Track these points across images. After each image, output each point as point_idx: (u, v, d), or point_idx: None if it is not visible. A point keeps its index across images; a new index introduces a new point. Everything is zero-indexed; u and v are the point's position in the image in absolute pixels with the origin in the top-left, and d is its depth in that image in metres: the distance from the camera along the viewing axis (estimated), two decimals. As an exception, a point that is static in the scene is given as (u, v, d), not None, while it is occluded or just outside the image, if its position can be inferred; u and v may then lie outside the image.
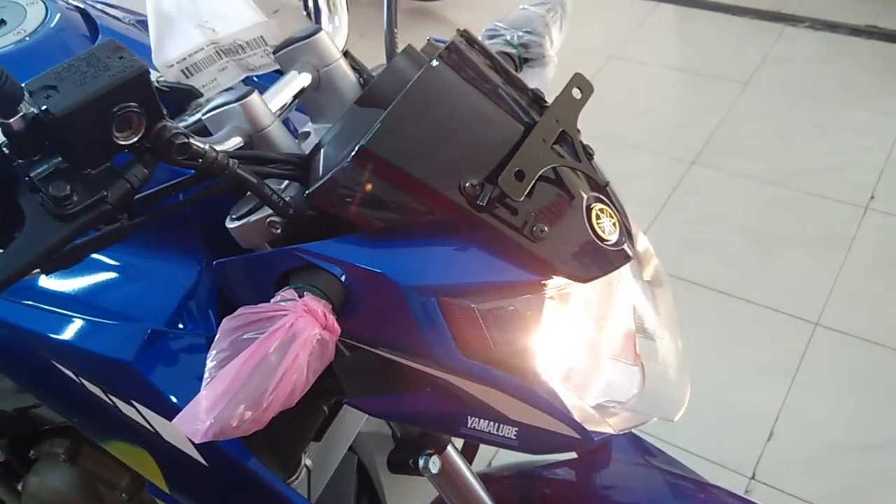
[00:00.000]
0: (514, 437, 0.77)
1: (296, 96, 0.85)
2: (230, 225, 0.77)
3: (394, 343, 0.73)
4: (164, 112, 0.64)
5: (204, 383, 0.59)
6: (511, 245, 0.71)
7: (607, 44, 3.41)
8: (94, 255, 0.88)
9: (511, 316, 0.72)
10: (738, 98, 3.05)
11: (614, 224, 0.76)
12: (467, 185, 0.69)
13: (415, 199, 0.70)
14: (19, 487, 1.32)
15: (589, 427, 0.77)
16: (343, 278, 0.70)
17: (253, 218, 0.75)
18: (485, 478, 1.15)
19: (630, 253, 0.77)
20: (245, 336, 0.61)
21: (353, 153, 0.69)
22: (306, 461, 1.02)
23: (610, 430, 0.79)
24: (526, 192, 0.69)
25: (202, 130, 0.79)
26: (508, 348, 0.73)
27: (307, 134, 0.89)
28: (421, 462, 0.87)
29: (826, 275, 2.35)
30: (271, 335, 0.60)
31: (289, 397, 0.61)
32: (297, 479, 0.99)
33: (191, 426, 0.57)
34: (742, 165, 2.74)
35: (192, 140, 0.65)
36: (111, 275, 0.86)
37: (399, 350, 0.73)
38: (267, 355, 0.59)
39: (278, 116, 0.80)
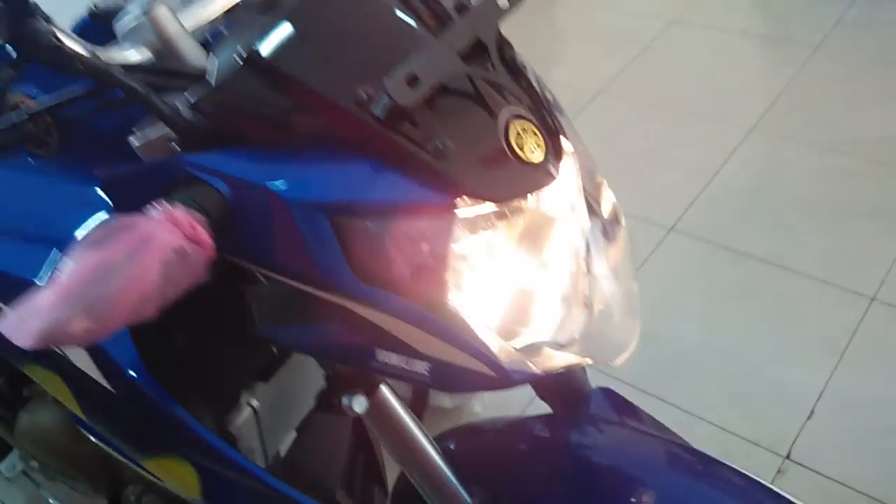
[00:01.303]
0: (427, 373, 0.72)
1: (228, 13, 0.82)
2: (133, 142, 0.74)
3: (287, 267, 0.69)
4: (35, 12, 0.61)
5: (41, 287, 0.56)
6: (412, 161, 0.65)
7: (667, 8, 3.27)
8: (4, 174, 0.87)
9: (414, 238, 0.67)
10: (807, 63, 2.86)
11: (538, 144, 0.69)
12: (360, 92, 0.64)
13: (307, 108, 0.66)
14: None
15: (507, 365, 0.71)
16: (226, 192, 0.66)
17: (153, 134, 0.72)
18: (458, 431, 1.11)
19: (555, 173, 0.70)
20: (98, 243, 0.58)
21: (241, 59, 0.65)
22: (252, 402, 0.99)
23: (533, 370, 0.72)
24: (420, 100, 0.64)
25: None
26: (412, 275, 0.67)
27: None
28: (344, 401, 0.83)
29: (889, 248, 2.18)
30: (121, 242, 0.57)
31: (138, 308, 0.57)
32: (238, 419, 0.96)
33: (15, 329, 0.54)
34: (805, 133, 2.58)
35: (65, 43, 0.62)
36: (19, 194, 0.85)
37: (293, 275, 0.69)
38: (113, 262, 0.56)
39: (196, 30, 0.77)
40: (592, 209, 0.82)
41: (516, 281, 0.77)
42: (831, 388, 1.89)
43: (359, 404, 0.83)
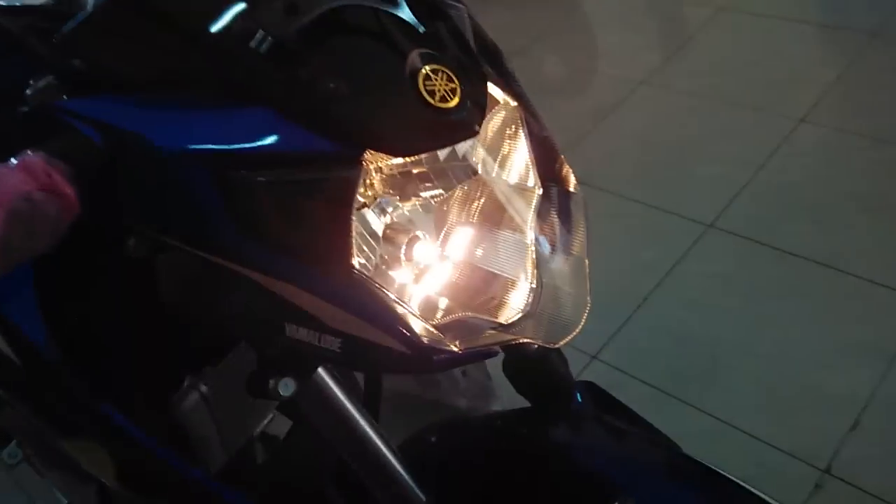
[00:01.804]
0: (339, 349, 0.64)
1: None
2: (27, 93, 0.67)
3: (170, 228, 0.61)
4: None
5: None
6: (303, 106, 0.57)
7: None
8: None
9: (308, 195, 0.58)
10: (863, 51, 2.68)
11: (454, 90, 0.60)
12: (235, 25, 0.56)
13: (182, 46, 0.58)
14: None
15: (425, 343, 0.62)
16: (100, 142, 0.58)
17: (42, 83, 0.66)
18: (441, 425, 1.04)
19: (475, 126, 0.61)
20: None
21: None
22: (200, 387, 0.91)
23: (453, 349, 0.63)
24: (303, 32, 0.55)
25: None
26: (309, 237, 0.59)
27: None
28: (271, 383, 0.75)
29: (949, 247, 2.01)
30: None
31: None
32: (184, 404, 0.89)
33: None
34: (858, 124, 2.41)
35: None
36: None
37: (179, 237, 0.61)
38: None
39: None
40: (542, 173, 0.72)
41: (441, 250, 0.69)
42: (879, 397, 1.74)
43: (286, 387, 0.75)
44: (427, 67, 0.59)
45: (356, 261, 0.60)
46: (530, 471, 0.92)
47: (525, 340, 0.68)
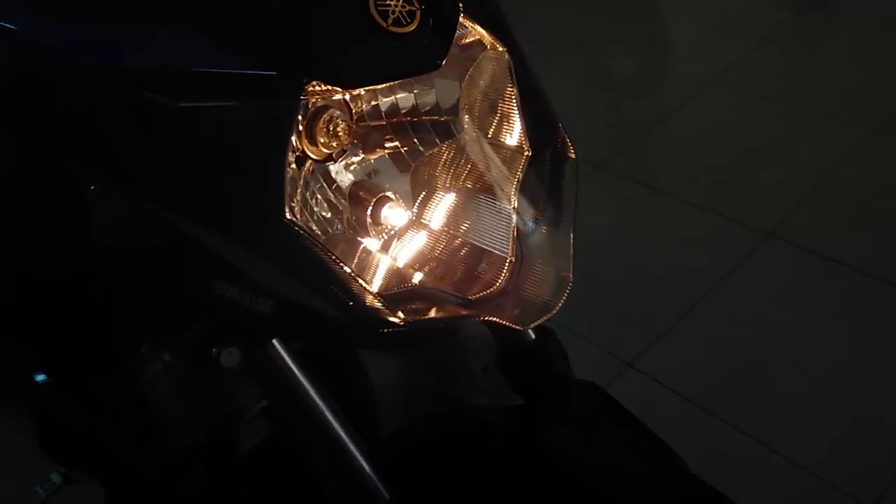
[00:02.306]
0: (271, 312, 0.56)
1: None
2: None
3: (79, 158, 0.54)
4: None
5: None
6: (230, 22, 0.49)
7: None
8: None
9: (237, 124, 0.50)
10: (956, 59, 2.49)
11: (412, 13, 0.51)
12: None
13: None
14: None
15: (368, 311, 0.54)
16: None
17: None
18: (437, 417, 0.96)
19: (436, 57, 0.52)
20: None
21: None
22: (164, 355, 0.85)
23: (397, 322, 0.54)
24: None
25: None
26: (236, 175, 0.51)
27: None
28: (213, 352, 0.67)
29: None
30: None
31: None
32: (143, 375, 0.83)
33: None
34: (941, 136, 2.22)
35: None
36: None
37: (93, 169, 0.54)
38: None
39: None
40: (534, 135, 0.63)
41: (414, 215, 0.60)
42: (942, 430, 1.58)
43: (229, 357, 0.67)
44: None
45: (291, 210, 0.52)
46: (517, 474, 0.83)
47: (490, 319, 0.59)
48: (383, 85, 0.58)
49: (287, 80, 0.49)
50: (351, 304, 0.53)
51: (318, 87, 0.50)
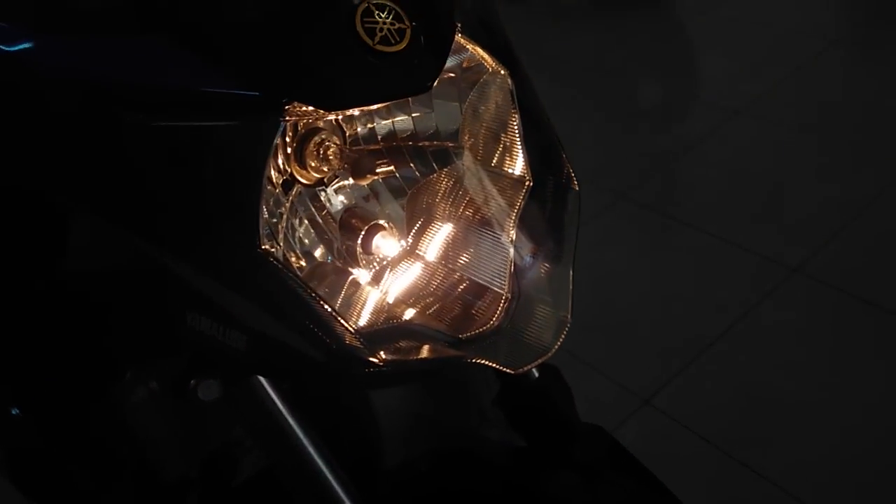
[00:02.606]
0: (245, 348, 0.52)
1: None
2: None
3: (50, 174, 0.51)
4: None
5: None
6: (209, 37, 0.46)
7: (833, 26, 2.89)
8: None
9: (210, 146, 0.47)
10: None
11: (402, 32, 0.48)
12: None
13: None
14: None
15: (346, 350, 0.50)
16: None
17: None
18: (436, 452, 0.92)
19: (426, 79, 0.48)
20: None
21: None
22: (151, 382, 0.81)
23: (376, 362, 0.50)
24: None
25: None
26: (209, 203, 0.48)
27: None
28: (191, 384, 0.64)
29: None
30: None
31: None
32: (127, 401, 0.79)
33: None
34: None
35: None
36: None
37: (61, 188, 0.51)
38: None
39: None
40: (536, 164, 0.59)
41: (408, 245, 0.56)
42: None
43: (206, 390, 0.63)
44: (370, 1, 0.47)
45: (266, 240, 0.48)
46: None
47: (481, 362, 0.54)
48: (372, 107, 0.54)
49: (266, 101, 0.46)
50: (328, 342, 0.49)
51: (300, 109, 0.47)
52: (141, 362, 0.79)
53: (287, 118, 0.47)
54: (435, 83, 0.49)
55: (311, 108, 0.47)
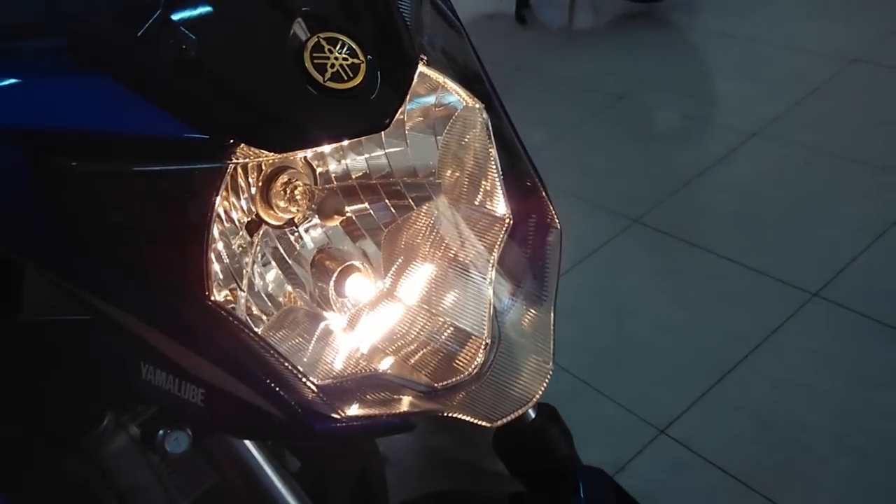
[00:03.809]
0: (201, 403, 0.50)
1: None
2: None
3: None
4: None
5: None
6: (146, 75, 0.44)
7: (852, 46, 2.83)
8: None
9: (154, 193, 0.45)
10: None
11: (356, 67, 0.45)
12: None
13: None
14: None
15: (305, 405, 0.47)
16: None
17: None
18: (426, 498, 0.89)
19: (384, 116, 0.46)
20: None
21: None
22: (130, 428, 0.79)
23: (337, 418, 0.48)
24: None
25: None
26: (155, 253, 0.45)
27: None
28: (159, 436, 0.61)
29: None
30: None
31: None
32: (106, 446, 0.77)
33: None
34: None
35: None
36: None
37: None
38: None
39: None
40: (515, 201, 0.56)
41: (384, 287, 0.54)
42: None
43: (176, 444, 0.61)
44: (320, 35, 0.45)
45: (217, 290, 0.46)
46: None
47: (456, 416, 0.51)
48: (325, 147, 0.52)
49: (211, 143, 0.44)
50: (285, 397, 0.46)
51: (247, 151, 0.44)
52: (120, 407, 0.77)
53: (235, 160, 0.45)
54: (392, 120, 0.46)
55: (257, 150, 0.44)
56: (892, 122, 2.45)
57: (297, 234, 0.59)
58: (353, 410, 0.48)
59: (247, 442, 0.65)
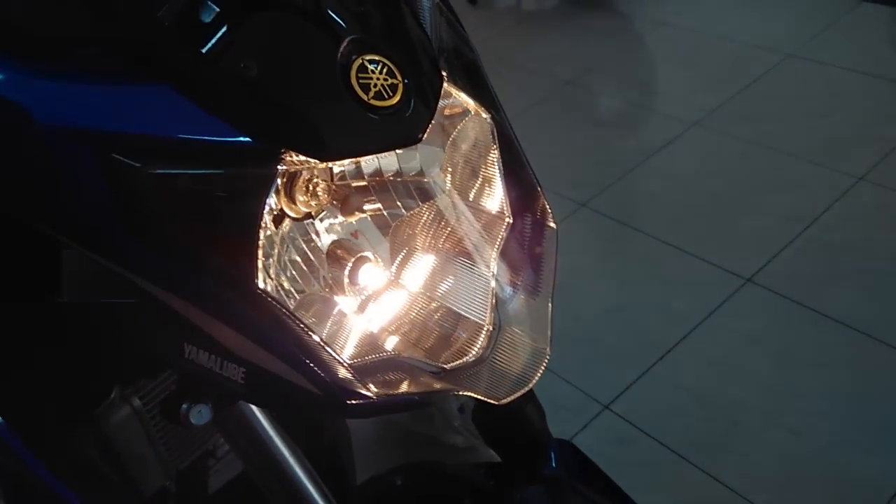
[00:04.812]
0: (242, 381, 0.55)
1: None
2: None
3: (49, 216, 0.53)
4: None
5: None
6: (208, 87, 0.48)
7: (788, 41, 2.97)
8: None
9: (209, 193, 0.50)
10: (938, 112, 2.52)
11: (394, 87, 0.51)
12: None
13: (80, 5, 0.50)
14: None
15: (339, 383, 0.53)
16: None
17: None
18: (412, 467, 0.95)
19: (418, 132, 0.51)
20: None
21: None
22: (133, 400, 0.83)
23: (368, 395, 0.54)
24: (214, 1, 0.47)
25: None
26: (206, 243, 0.50)
27: None
28: (183, 408, 0.66)
29: None
30: None
31: None
32: (111, 417, 0.81)
33: None
34: (923, 188, 2.25)
35: None
36: None
37: (56, 228, 0.53)
38: None
39: None
40: (514, 201, 0.62)
41: (392, 277, 0.59)
42: (912, 485, 1.58)
43: (199, 415, 0.66)
44: (364, 57, 0.50)
45: (263, 280, 0.51)
46: None
47: (465, 394, 0.58)
48: (364, 158, 0.57)
49: (263, 150, 0.49)
50: (322, 375, 0.52)
51: (295, 158, 0.50)
52: (127, 382, 0.81)
53: (285, 167, 0.50)
54: (425, 135, 0.52)
55: (305, 158, 0.50)
56: (824, 116, 2.59)
57: (314, 226, 0.64)
58: (378, 388, 0.54)
59: (259, 416, 0.70)
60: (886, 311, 1.92)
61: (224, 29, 0.47)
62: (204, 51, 0.47)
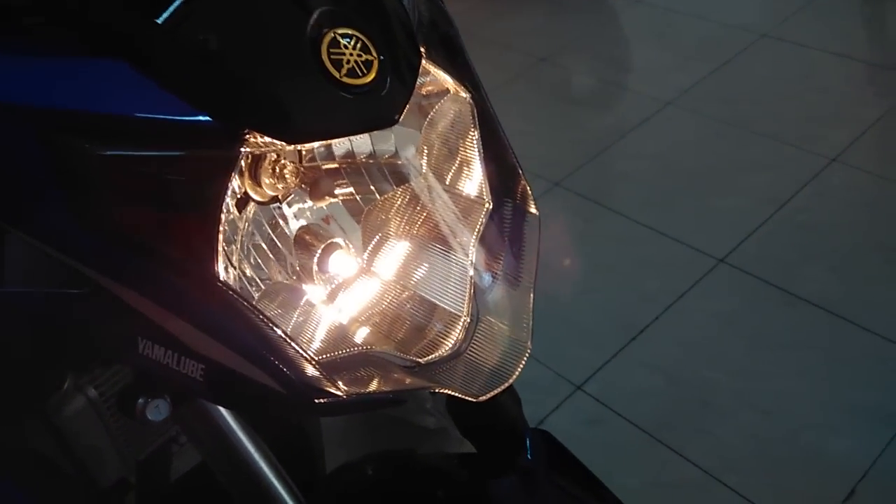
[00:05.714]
0: (201, 378, 0.51)
1: None
2: None
3: None
4: None
5: None
6: (163, 62, 0.44)
7: (762, 21, 2.96)
8: None
9: (164, 176, 0.46)
10: (910, 94, 2.52)
11: (369, 63, 0.47)
12: None
13: None
14: None
15: (306, 381, 0.50)
16: None
17: None
18: (383, 456, 0.93)
19: (394, 112, 0.48)
20: None
21: None
22: (88, 390, 0.79)
23: (337, 393, 0.50)
24: None
25: None
26: (161, 230, 0.46)
27: None
28: (139, 403, 0.62)
29: (977, 313, 1.85)
30: None
31: None
32: (65, 408, 0.77)
33: None
34: (894, 169, 2.25)
35: None
36: None
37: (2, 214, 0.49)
38: None
39: None
40: (495, 186, 0.59)
41: (364, 264, 0.56)
42: (880, 465, 1.59)
43: (156, 412, 0.62)
44: (336, 31, 0.46)
45: (225, 269, 0.47)
46: None
47: (441, 391, 0.55)
48: (334, 140, 0.54)
49: (224, 131, 0.45)
50: (287, 372, 0.49)
51: (259, 139, 0.46)
52: (81, 371, 0.77)
53: (248, 149, 0.46)
54: (402, 116, 0.49)
55: (270, 139, 0.46)
56: (796, 97, 2.59)
57: (280, 210, 0.60)
58: (348, 385, 0.51)
59: (222, 409, 0.66)
60: (858, 293, 1.92)
61: (190, 15, 0.43)
62: (159, 21, 0.43)
